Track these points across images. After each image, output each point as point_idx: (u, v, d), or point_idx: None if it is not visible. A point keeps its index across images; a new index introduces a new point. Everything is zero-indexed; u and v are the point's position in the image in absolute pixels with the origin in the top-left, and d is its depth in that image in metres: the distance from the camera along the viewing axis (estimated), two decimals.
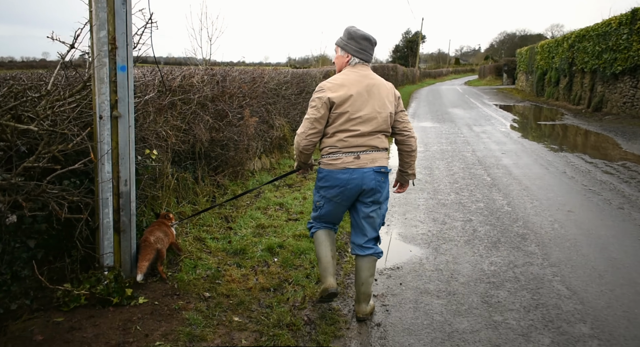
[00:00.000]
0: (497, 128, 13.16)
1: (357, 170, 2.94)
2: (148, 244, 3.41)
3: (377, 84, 3.03)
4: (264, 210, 5.49)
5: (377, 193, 3.04)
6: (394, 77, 30.57)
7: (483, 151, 9.54)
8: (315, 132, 2.96)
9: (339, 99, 2.91)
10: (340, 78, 3.01)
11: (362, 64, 3.07)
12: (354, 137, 2.93)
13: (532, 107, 20.10)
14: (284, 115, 8.49)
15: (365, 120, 2.93)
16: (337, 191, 3.00)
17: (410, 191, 6.56)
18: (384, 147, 3.04)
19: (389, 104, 3.02)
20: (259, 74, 7.38)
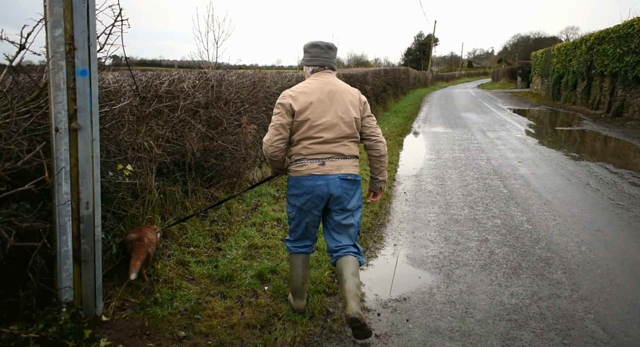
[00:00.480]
0: (512, 134, 12.59)
1: (323, 176, 2.94)
2: (142, 244, 3.36)
3: (339, 90, 3.03)
4: (259, 226, 5.04)
5: (345, 201, 3.02)
6: (406, 81, 30.02)
7: (498, 159, 9.00)
8: (280, 138, 2.97)
9: (300, 106, 2.93)
10: (302, 86, 3.03)
11: (323, 71, 3.09)
12: (318, 144, 2.95)
13: (548, 111, 19.44)
14: None
15: (328, 126, 2.94)
16: (305, 198, 2.99)
17: (421, 205, 6.06)
18: (352, 155, 3.02)
19: (352, 109, 3.01)
20: (260, 78, 6.94)
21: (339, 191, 2.97)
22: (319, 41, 3.13)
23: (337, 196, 2.97)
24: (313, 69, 3.13)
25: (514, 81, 42.96)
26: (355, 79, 13.76)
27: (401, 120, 15.72)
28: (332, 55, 3.16)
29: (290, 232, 3.23)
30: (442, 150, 10.21)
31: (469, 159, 9.07)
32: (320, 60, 3.11)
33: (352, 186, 3.03)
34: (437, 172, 7.97)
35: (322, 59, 3.11)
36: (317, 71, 3.12)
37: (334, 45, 3.18)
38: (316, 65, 3.11)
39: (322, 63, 3.11)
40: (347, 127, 2.99)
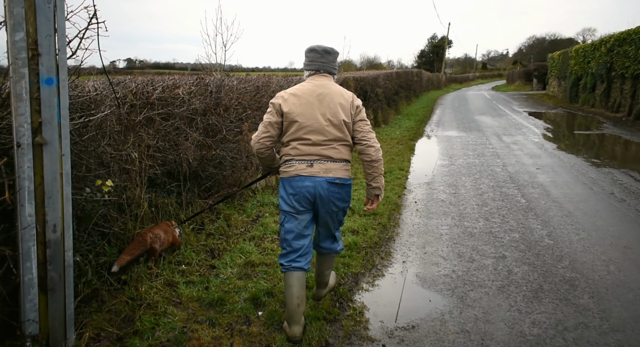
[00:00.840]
0: (529, 138, 12.13)
1: (310, 178, 2.96)
2: (141, 241, 3.51)
3: (330, 93, 3.03)
4: (259, 240, 4.73)
5: (331, 203, 3.03)
6: (419, 83, 29.57)
7: (515, 166, 8.59)
8: (268, 136, 3.03)
9: (288, 108, 2.97)
10: (296, 88, 3.07)
11: (319, 74, 3.12)
12: (306, 145, 2.97)
13: (566, 114, 18.88)
14: None
15: (315, 129, 2.97)
16: (295, 199, 3.02)
17: (432, 216, 5.70)
18: (341, 158, 3.03)
19: (342, 112, 3.01)
20: (265, 83, 6.65)
21: (326, 194, 2.99)
22: (317, 46, 3.15)
23: (325, 198, 3.00)
24: (310, 73, 3.17)
25: (530, 83, 42.20)
26: (367, 82, 13.43)
27: (413, 124, 15.33)
28: (330, 59, 3.17)
29: (281, 243, 3.15)
30: (456, 155, 9.82)
31: (483, 166, 8.67)
32: (317, 65, 3.13)
33: (340, 190, 3.04)
34: (450, 180, 7.60)
35: (318, 64, 3.13)
36: (313, 75, 3.15)
37: (332, 50, 3.18)
38: (312, 69, 3.15)
39: (318, 67, 3.14)
40: (336, 130, 3.00)
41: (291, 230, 3.05)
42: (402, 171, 8.15)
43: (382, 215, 5.60)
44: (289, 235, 3.06)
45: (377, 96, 14.54)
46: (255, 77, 6.64)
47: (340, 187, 3.02)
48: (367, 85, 13.36)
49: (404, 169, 8.36)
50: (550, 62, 30.80)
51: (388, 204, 6.08)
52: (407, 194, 6.83)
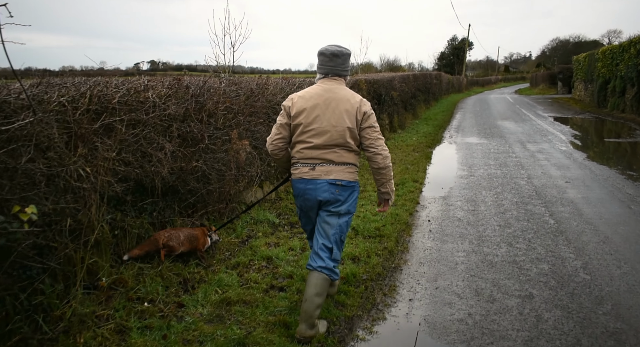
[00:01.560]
0: (555, 146, 11.26)
1: (312, 181, 3.03)
2: (153, 240, 3.78)
3: (337, 98, 3.03)
4: (243, 268, 4.09)
5: (333, 204, 3.06)
6: (438, 86, 28.68)
7: (541, 178, 7.79)
8: (280, 138, 3.12)
9: (296, 110, 3.03)
10: (305, 91, 3.12)
11: (329, 78, 3.11)
12: (308, 149, 3.03)
13: (594, 120, 17.85)
14: None
15: (319, 132, 3.00)
16: (300, 200, 3.17)
17: (447, 239, 4.99)
18: (343, 162, 3.05)
19: (347, 119, 3.01)
20: (260, 85, 6.01)
21: (327, 195, 3.02)
22: (325, 49, 3.13)
23: (327, 199, 3.03)
24: (320, 77, 3.18)
25: (554, 87, 40.86)
26: (381, 85, 12.72)
27: (431, 129, 14.56)
28: (339, 62, 3.12)
29: (303, 227, 3.47)
30: (476, 165, 9.04)
31: (506, 178, 7.90)
32: (325, 69, 3.13)
33: (342, 191, 3.06)
34: (469, 194, 6.86)
35: (327, 68, 3.13)
36: (322, 79, 3.16)
37: (341, 53, 3.12)
38: (322, 73, 3.15)
39: (327, 71, 3.13)
40: (338, 135, 3.01)
41: (306, 224, 3.36)
42: (416, 183, 7.43)
43: (389, 237, 4.91)
44: (306, 227, 3.40)
45: (393, 100, 13.82)
46: (250, 78, 6.01)
47: (342, 188, 3.05)
48: (382, 88, 12.65)
49: (418, 181, 7.64)
50: (576, 64, 29.62)
51: (397, 223, 5.38)
52: (420, 210, 6.12)
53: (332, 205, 3.05)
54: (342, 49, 3.14)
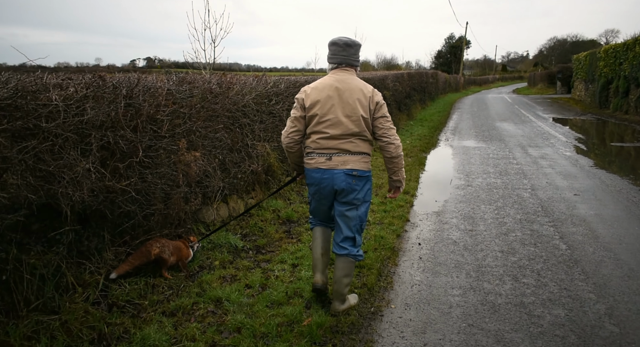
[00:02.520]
0: (559, 151, 10.45)
1: (328, 170, 3.09)
2: (144, 251, 3.54)
3: (350, 88, 3.07)
4: (183, 315, 3.25)
5: (350, 194, 3.13)
6: (434, 85, 27.85)
7: (547, 190, 6.97)
8: (295, 130, 3.18)
9: (310, 102, 3.09)
10: (317, 82, 3.16)
11: (341, 68, 3.16)
12: (324, 139, 3.09)
13: (596, 121, 17.06)
14: (269, 139, 6.24)
15: (334, 123, 3.06)
16: (314, 188, 3.22)
17: (440, 269, 4.16)
18: (359, 151, 3.11)
19: (360, 109, 3.06)
20: (224, 84, 5.16)
21: (344, 185, 3.09)
22: (338, 39, 3.16)
23: (342, 188, 3.09)
24: (332, 67, 3.19)
25: (553, 86, 40.13)
26: (372, 84, 11.87)
27: (426, 131, 13.73)
28: (351, 52, 3.17)
29: (310, 212, 3.49)
30: (474, 173, 8.22)
31: (507, 188, 7.07)
32: (338, 59, 3.16)
33: (359, 181, 3.13)
34: (466, 209, 6.03)
35: (340, 57, 3.16)
36: (335, 69, 3.18)
37: (353, 43, 3.17)
38: (334, 63, 3.18)
39: (340, 61, 3.16)
40: (354, 125, 3.07)
41: (316, 209, 3.39)
42: (407, 196, 6.59)
43: (370, 269, 4.07)
44: (315, 210, 3.40)
45: (385, 100, 12.96)
46: (206, 76, 5.14)
47: (358, 178, 3.12)
48: None
49: (410, 192, 6.80)
50: (576, 63, 28.83)
51: (381, 249, 4.55)
52: (410, 229, 5.29)
53: (348, 195, 3.13)
54: (354, 39, 3.19)
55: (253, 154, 5.60)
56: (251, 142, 5.67)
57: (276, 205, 5.90)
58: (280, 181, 6.41)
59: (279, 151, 6.43)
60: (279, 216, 5.61)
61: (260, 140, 5.99)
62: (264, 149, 5.92)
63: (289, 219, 5.55)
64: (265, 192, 6.14)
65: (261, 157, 5.87)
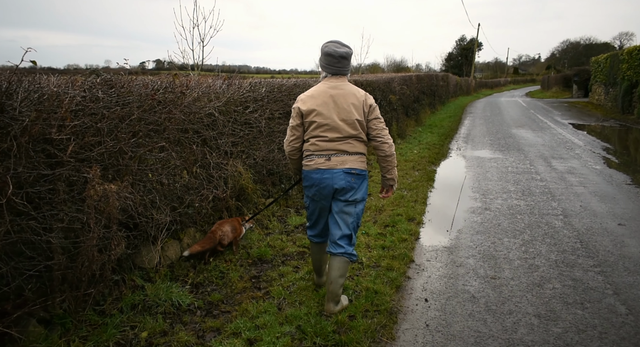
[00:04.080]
0: (587, 164, 9.19)
1: (328, 170, 3.25)
2: (211, 236, 4.08)
3: (344, 93, 3.27)
4: None
5: (349, 192, 3.28)
6: (445, 88, 26.59)
7: (583, 217, 5.74)
8: (295, 138, 3.36)
9: (307, 109, 3.26)
10: (312, 90, 3.36)
11: (333, 76, 3.34)
12: (323, 142, 3.25)
13: (622, 128, 15.71)
14: (244, 155, 5.09)
15: (332, 127, 3.24)
16: (314, 189, 3.33)
17: (454, 327, 2.97)
18: (356, 151, 3.29)
19: (355, 112, 3.25)
20: (177, 88, 4.02)
21: (344, 183, 3.25)
22: (334, 51, 3.27)
23: (342, 187, 3.25)
24: (326, 75, 3.37)
25: (568, 90, 38.65)
26: (376, 88, 10.70)
27: (436, 139, 12.52)
28: (345, 64, 3.33)
29: (307, 219, 3.62)
30: (492, 191, 7.01)
31: (534, 214, 5.86)
32: (333, 69, 3.32)
33: (357, 180, 3.30)
34: (485, 243, 4.84)
35: (334, 68, 3.32)
36: (328, 77, 3.35)
37: (347, 54, 3.30)
38: (329, 72, 3.34)
39: (334, 72, 3.33)
40: (350, 127, 3.25)
41: (314, 212, 3.49)
42: (412, 224, 5.41)
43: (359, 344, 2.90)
44: (312, 216, 3.52)
45: (391, 105, 11.79)
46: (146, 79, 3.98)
47: (357, 177, 3.29)
48: (377, 92, 10.63)
49: (416, 219, 5.62)
50: (595, 66, 27.39)
51: (374, 313, 3.37)
52: (414, 276, 4.11)
53: (347, 193, 3.28)
54: (349, 50, 3.32)
55: (216, 176, 4.45)
56: (216, 161, 4.52)
57: (248, 236, 4.75)
58: (256, 204, 5.26)
59: (255, 169, 5.28)
60: (249, 253, 4.45)
61: (230, 157, 4.85)
62: (234, 168, 4.77)
63: (262, 258, 4.39)
64: None
65: (231, 179, 4.72)
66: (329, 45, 3.30)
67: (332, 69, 3.32)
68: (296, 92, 6.51)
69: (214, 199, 4.39)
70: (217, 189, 4.38)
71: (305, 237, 4.91)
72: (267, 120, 5.55)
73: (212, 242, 4.05)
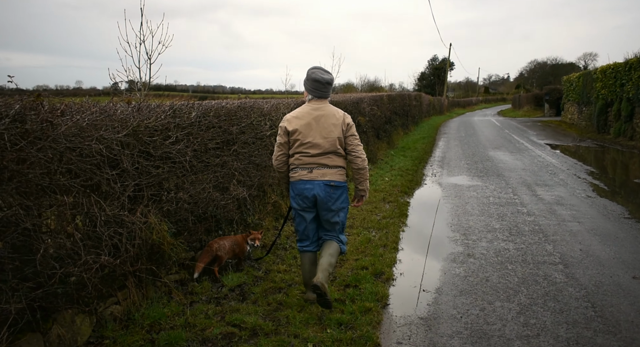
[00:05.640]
0: (576, 192, 8.28)
1: (310, 181, 3.65)
2: (208, 250, 4.26)
3: (325, 114, 3.70)
4: None
5: (329, 202, 3.68)
6: (418, 108, 25.90)
7: (587, 266, 4.73)
8: (282, 154, 3.77)
9: (292, 128, 3.68)
10: (297, 111, 3.78)
11: (317, 99, 3.77)
12: (306, 156, 3.67)
13: (600, 149, 15.09)
14: (157, 199, 3.91)
15: (314, 144, 3.65)
16: (299, 199, 3.71)
17: None
18: (335, 165, 3.70)
19: (335, 130, 3.67)
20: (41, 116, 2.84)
21: (324, 194, 3.64)
22: (321, 77, 3.72)
23: (322, 197, 3.64)
24: (311, 98, 3.79)
25: (540, 108, 38.69)
26: (344, 108, 9.67)
27: (409, 163, 11.54)
28: (329, 88, 3.80)
29: (296, 231, 3.97)
30: (474, 230, 5.97)
31: (527, 262, 4.82)
32: (318, 93, 3.76)
33: (336, 191, 3.69)
34: (471, 310, 3.74)
35: (320, 93, 3.76)
36: (313, 100, 3.78)
37: (331, 80, 3.78)
38: (315, 96, 3.77)
39: (320, 96, 3.77)
40: (330, 144, 3.66)
41: (301, 223, 3.82)
42: (379, 281, 4.29)
43: None
44: (299, 227, 3.85)
45: (360, 127, 10.77)
46: None
47: (335, 188, 3.68)
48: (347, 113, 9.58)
49: (384, 274, 4.50)
50: (567, 85, 27.23)
51: None
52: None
53: (328, 203, 3.67)
54: (332, 77, 3.80)
55: (108, 234, 3.24)
56: (110, 213, 3.32)
57: (157, 313, 3.53)
58: (176, 262, 4.07)
59: (176, 217, 4.09)
60: (153, 339, 3.23)
61: (137, 204, 3.65)
62: (141, 220, 3.57)
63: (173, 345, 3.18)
64: (150, 289, 3.78)
65: (138, 234, 3.52)
66: (316, 72, 3.75)
67: (317, 93, 3.74)
68: (240, 116, 5.38)
69: (105, 266, 3.17)
70: (109, 254, 3.16)
71: (240, 311, 3.73)
72: (196, 152, 4.39)
73: (210, 255, 4.25)
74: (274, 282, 4.33)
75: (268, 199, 6.13)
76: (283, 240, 5.60)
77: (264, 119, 5.96)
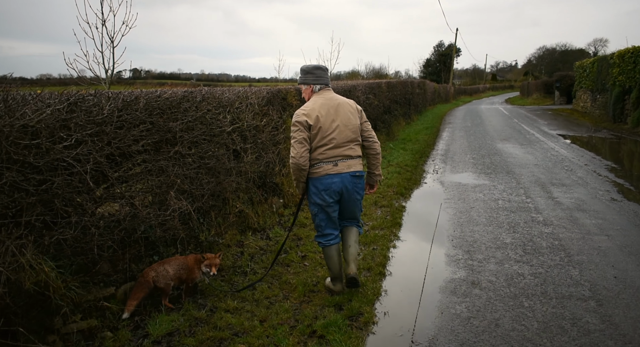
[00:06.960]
0: (598, 194, 7.15)
1: (337, 175, 3.59)
2: (142, 281, 3.43)
3: (341, 103, 3.69)
4: None
5: (355, 193, 3.69)
6: (422, 96, 24.65)
7: (629, 305, 3.65)
8: (306, 149, 3.57)
9: (313, 121, 3.56)
10: (310, 104, 3.67)
11: (324, 88, 3.76)
12: (330, 149, 3.58)
13: (617, 141, 13.87)
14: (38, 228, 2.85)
15: (336, 135, 3.58)
16: (325, 194, 3.60)
17: None
18: (357, 155, 3.70)
19: (352, 117, 3.67)
20: None
21: (351, 186, 3.63)
22: (314, 65, 3.81)
23: (350, 189, 3.64)
24: (320, 87, 3.75)
25: (550, 96, 37.25)
26: None
27: (409, 158, 10.43)
28: (327, 74, 3.83)
29: (317, 228, 3.80)
30: (479, 246, 4.89)
31: (548, 296, 3.74)
32: (325, 80, 3.77)
33: (361, 180, 3.73)
34: None
35: (325, 79, 3.78)
36: (322, 89, 3.75)
37: (325, 67, 3.90)
38: (322, 84, 3.76)
39: (326, 82, 3.78)
40: (352, 133, 3.65)
41: (323, 219, 3.71)
42: (352, 332, 3.23)
43: None
44: (322, 223, 3.73)
45: None
46: None
47: (360, 178, 3.71)
48: None
49: (362, 315, 3.45)
50: (579, 71, 25.84)
51: None
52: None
53: (355, 194, 3.68)
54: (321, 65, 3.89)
55: None
56: None
57: None
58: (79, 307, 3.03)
59: (79, 247, 3.04)
60: None
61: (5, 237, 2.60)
62: (16, 259, 2.51)
63: None
64: None
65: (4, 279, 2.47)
66: (308, 65, 3.83)
67: (323, 80, 3.77)
68: (185, 108, 4.29)
69: None
70: None
71: None
72: (117, 158, 3.31)
73: (146, 287, 3.42)
74: (216, 330, 3.28)
75: (230, 209, 5.07)
76: (244, 261, 4.55)
77: (222, 112, 4.87)
